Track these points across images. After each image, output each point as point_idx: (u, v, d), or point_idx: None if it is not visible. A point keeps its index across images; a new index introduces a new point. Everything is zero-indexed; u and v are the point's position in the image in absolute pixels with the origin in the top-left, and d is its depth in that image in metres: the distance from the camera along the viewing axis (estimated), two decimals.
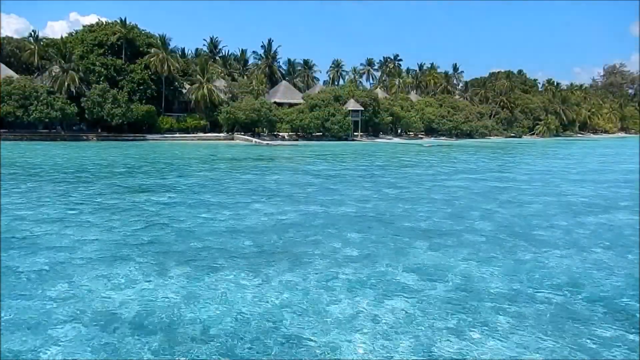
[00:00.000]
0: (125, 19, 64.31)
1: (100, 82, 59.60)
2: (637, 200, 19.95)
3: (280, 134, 70.33)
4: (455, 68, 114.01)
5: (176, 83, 68.63)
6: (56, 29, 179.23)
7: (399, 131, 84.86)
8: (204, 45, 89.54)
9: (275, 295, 8.50)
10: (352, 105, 72.93)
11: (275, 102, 72.57)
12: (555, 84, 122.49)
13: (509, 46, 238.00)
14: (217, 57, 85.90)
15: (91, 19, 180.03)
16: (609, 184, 25.53)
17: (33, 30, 71.28)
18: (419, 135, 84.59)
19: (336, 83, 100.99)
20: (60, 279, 9.09)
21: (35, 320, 7.36)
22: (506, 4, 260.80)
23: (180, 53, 77.68)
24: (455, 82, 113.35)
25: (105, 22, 65.85)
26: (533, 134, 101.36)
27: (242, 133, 66.69)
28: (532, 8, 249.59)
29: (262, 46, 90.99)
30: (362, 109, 73.59)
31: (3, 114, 54.39)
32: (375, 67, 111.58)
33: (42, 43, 67.81)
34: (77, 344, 6.67)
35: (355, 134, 73.73)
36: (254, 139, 63.64)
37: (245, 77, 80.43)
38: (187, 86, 68.89)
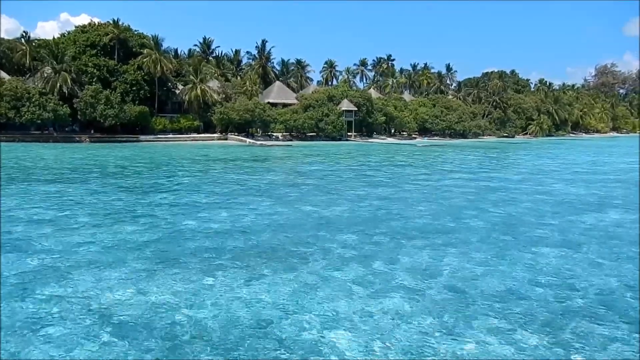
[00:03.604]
0: (118, 19, 64.09)
1: (93, 83, 59.24)
2: (630, 199, 20.09)
3: (274, 134, 70.20)
4: (448, 68, 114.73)
5: (169, 84, 68.36)
6: (47, 30, 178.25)
7: (393, 131, 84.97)
8: (196, 45, 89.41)
9: (271, 295, 8.49)
10: (345, 105, 72.98)
11: (269, 103, 72.43)
12: (547, 84, 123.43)
13: (501, 46, 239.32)
14: (211, 58, 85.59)
15: (82, 19, 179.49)
16: (601, 183, 25.70)
17: (24, 31, 70.71)
18: (413, 135, 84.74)
19: (330, 83, 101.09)
20: (57, 280, 9.03)
21: (34, 321, 7.31)
22: (499, 4, 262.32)
23: (173, 54, 77.40)
24: (448, 82, 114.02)
25: (98, 22, 65.53)
26: (526, 133, 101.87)
27: (236, 134, 66.54)
28: (525, 8, 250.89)
29: (255, 47, 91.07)
30: (356, 109, 73.65)
31: None
32: (369, 68, 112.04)
33: (33, 44, 67.27)
34: (74, 344, 6.63)
35: (349, 134, 73.76)
36: (248, 140, 63.51)
37: (238, 78, 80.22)
38: (180, 87, 68.64)
